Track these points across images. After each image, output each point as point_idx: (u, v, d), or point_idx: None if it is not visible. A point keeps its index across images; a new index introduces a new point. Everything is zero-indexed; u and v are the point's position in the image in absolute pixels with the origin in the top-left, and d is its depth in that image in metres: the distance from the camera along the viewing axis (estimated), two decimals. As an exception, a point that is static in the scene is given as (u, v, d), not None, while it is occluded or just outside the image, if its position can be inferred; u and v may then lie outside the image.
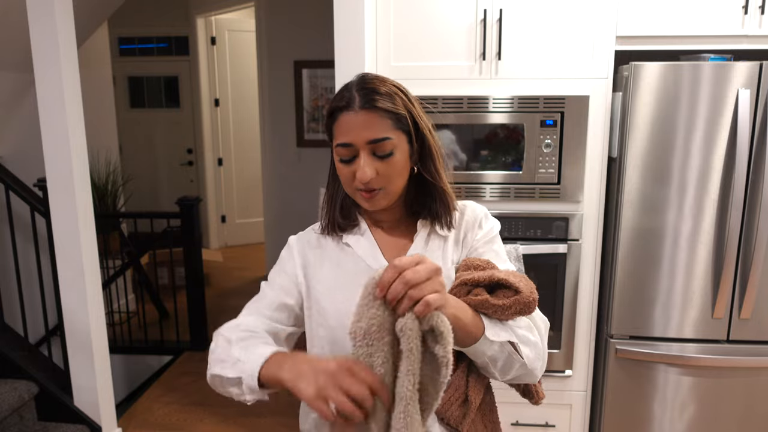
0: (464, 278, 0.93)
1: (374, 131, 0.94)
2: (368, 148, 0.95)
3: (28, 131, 2.99)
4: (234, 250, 5.83)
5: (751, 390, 2.06)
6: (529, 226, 2.10)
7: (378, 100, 0.95)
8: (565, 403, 2.24)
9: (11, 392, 2.41)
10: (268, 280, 1.10)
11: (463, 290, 0.92)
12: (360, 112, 0.94)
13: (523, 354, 0.93)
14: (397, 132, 0.96)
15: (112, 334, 3.47)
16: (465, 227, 1.06)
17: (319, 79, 4.35)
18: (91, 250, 2.40)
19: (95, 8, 3.13)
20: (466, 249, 1.05)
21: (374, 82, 0.97)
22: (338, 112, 0.96)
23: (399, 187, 1.00)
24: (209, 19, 5.38)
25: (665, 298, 2.03)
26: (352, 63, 2.00)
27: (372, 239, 1.05)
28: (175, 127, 5.83)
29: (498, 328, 0.91)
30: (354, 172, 0.96)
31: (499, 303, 0.89)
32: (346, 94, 0.96)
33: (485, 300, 0.89)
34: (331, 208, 1.07)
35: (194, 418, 2.83)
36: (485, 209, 1.10)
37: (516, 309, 0.89)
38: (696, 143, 1.92)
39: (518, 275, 0.93)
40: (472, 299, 0.90)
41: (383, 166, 0.96)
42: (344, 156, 0.96)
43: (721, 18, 1.97)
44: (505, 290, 0.90)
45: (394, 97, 0.97)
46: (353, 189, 0.99)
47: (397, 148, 0.96)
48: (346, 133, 0.95)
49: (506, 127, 2.05)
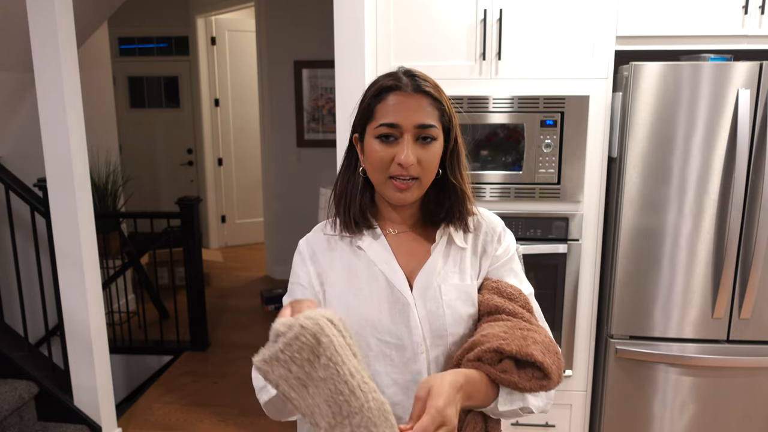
0: (503, 348, 0.88)
1: (424, 116, 0.94)
2: (414, 133, 0.93)
3: (28, 131, 2.99)
4: (234, 250, 5.83)
5: (751, 390, 2.06)
6: (529, 226, 2.10)
7: (428, 87, 0.95)
8: (565, 403, 2.24)
9: (11, 392, 2.41)
10: (288, 292, 1.07)
11: (495, 358, 0.89)
12: (413, 94, 0.94)
13: (534, 406, 0.93)
14: (439, 124, 0.96)
15: (112, 334, 3.47)
16: (483, 238, 1.05)
17: (319, 79, 4.35)
18: (91, 250, 2.40)
19: (95, 8, 3.13)
20: (485, 263, 1.04)
21: (420, 72, 0.98)
22: (387, 91, 0.95)
23: (430, 181, 0.99)
24: (209, 19, 5.38)
25: (665, 298, 2.03)
26: (352, 63, 2.00)
27: (386, 244, 1.02)
28: (175, 127, 5.83)
29: (512, 397, 0.90)
30: (392, 156, 0.94)
31: (527, 387, 0.88)
32: (394, 77, 0.96)
33: (513, 382, 0.88)
34: (345, 207, 1.03)
35: (194, 418, 2.83)
36: (502, 221, 1.09)
37: (538, 391, 0.89)
38: (696, 143, 1.92)
39: (552, 350, 0.91)
40: (501, 377, 0.88)
41: (425, 153, 0.94)
42: (387, 134, 0.94)
43: (721, 18, 1.97)
44: (536, 369, 0.88)
45: (440, 91, 0.98)
46: (385, 177, 0.96)
47: (438, 138, 0.96)
48: (394, 113, 0.93)
49: (506, 127, 2.05)
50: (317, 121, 4.42)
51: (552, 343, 0.94)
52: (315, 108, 4.40)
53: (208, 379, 3.23)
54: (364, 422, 0.73)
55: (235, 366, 3.37)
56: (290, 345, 0.72)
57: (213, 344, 3.69)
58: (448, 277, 1.00)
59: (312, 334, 0.72)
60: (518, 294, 0.98)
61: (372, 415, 0.73)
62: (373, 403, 0.74)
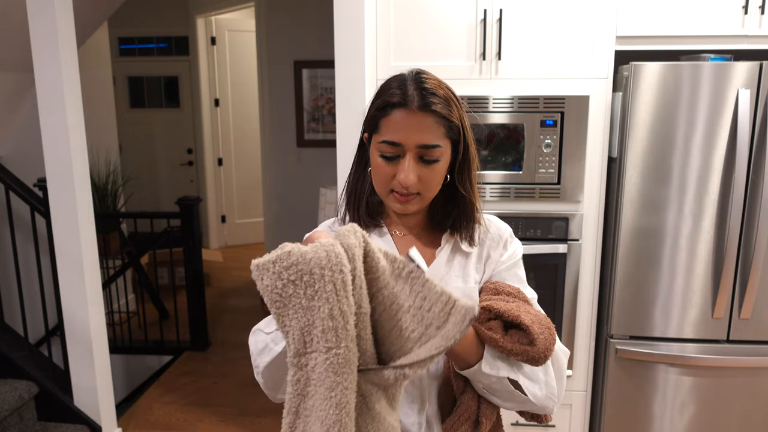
0: (491, 306, 0.88)
1: (427, 137, 0.91)
2: (416, 152, 0.91)
3: (28, 131, 2.99)
4: (234, 250, 5.83)
5: (751, 390, 2.06)
6: (529, 226, 2.10)
7: (437, 104, 0.91)
8: (565, 403, 2.24)
9: (11, 392, 2.41)
10: None
11: (483, 316, 0.88)
12: (417, 113, 0.90)
13: (529, 392, 0.89)
14: (446, 141, 0.93)
15: (112, 334, 3.47)
16: (489, 244, 1.03)
17: (319, 79, 4.34)
18: (91, 250, 2.40)
19: (95, 8, 3.13)
20: (489, 268, 1.03)
21: (432, 82, 0.93)
22: (392, 107, 0.91)
23: (434, 194, 0.97)
24: (209, 19, 5.38)
25: (665, 298, 2.03)
26: (352, 63, 2.00)
27: (392, 244, 1.01)
28: (175, 127, 5.83)
29: (500, 362, 0.88)
30: (394, 173, 0.92)
31: (508, 347, 0.85)
32: (402, 90, 0.91)
33: (494, 339, 0.86)
34: (355, 205, 1.03)
35: (194, 418, 2.83)
36: (510, 229, 1.07)
37: (523, 359, 0.86)
38: (696, 143, 1.92)
39: (544, 324, 0.89)
40: (483, 332, 0.87)
41: (426, 172, 0.93)
42: (388, 153, 0.92)
43: (721, 18, 1.97)
44: (522, 334, 0.86)
45: (451, 103, 0.94)
46: (387, 190, 0.95)
47: (442, 157, 0.93)
48: (397, 131, 0.91)
49: (506, 127, 2.05)
50: (317, 121, 4.42)
51: (547, 320, 0.91)
52: (315, 108, 4.40)
53: (208, 379, 3.23)
54: (326, 364, 0.71)
55: (235, 366, 3.37)
56: (281, 259, 0.72)
57: (213, 344, 3.69)
58: (452, 281, 1.00)
59: (306, 259, 0.71)
60: (517, 293, 0.97)
61: (335, 362, 0.71)
62: (343, 351, 0.71)
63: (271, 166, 4.66)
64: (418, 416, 0.96)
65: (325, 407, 0.71)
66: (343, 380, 0.71)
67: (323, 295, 0.71)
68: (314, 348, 0.72)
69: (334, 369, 0.71)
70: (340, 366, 0.71)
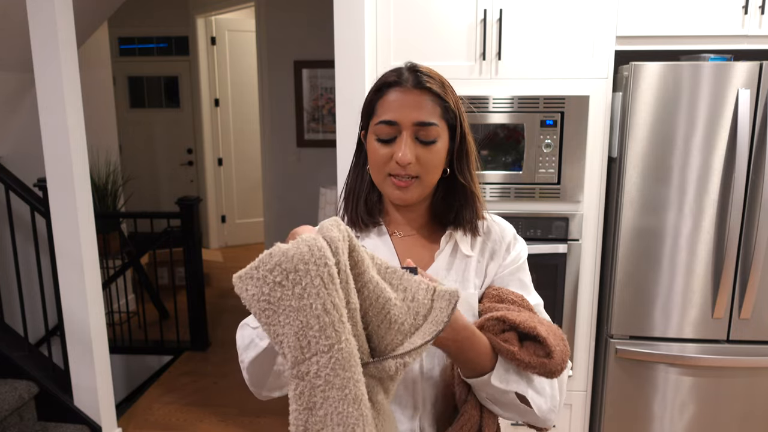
0: (506, 316, 0.86)
1: (423, 113, 0.90)
2: (412, 130, 0.90)
3: (28, 131, 2.99)
4: (234, 250, 5.83)
5: (751, 390, 2.06)
6: (529, 226, 2.10)
7: (431, 83, 0.91)
8: (565, 403, 2.24)
9: (11, 392, 2.41)
10: None
11: (497, 327, 0.86)
12: (413, 90, 0.90)
13: (534, 405, 0.87)
14: (442, 122, 0.93)
15: (112, 334, 3.47)
16: (492, 248, 1.00)
17: (319, 79, 4.34)
18: (91, 250, 2.40)
19: (95, 8, 3.13)
20: (492, 269, 1.00)
21: (426, 68, 0.94)
22: (387, 87, 0.92)
23: (433, 181, 0.95)
24: (209, 19, 5.38)
25: (665, 298, 2.03)
26: (352, 63, 2.00)
27: (391, 245, 0.99)
28: (175, 127, 5.83)
29: (510, 375, 0.86)
30: (391, 154, 0.91)
31: (525, 360, 0.83)
32: (397, 72, 0.93)
33: (512, 352, 0.83)
34: (353, 204, 1.01)
35: (194, 418, 2.83)
36: (514, 229, 1.05)
37: (540, 372, 0.84)
38: (696, 143, 1.92)
39: (558, 335, 0.87)
40: (500, 344, 0.84)
41: (424, 152, 0.91)
42: (384, 135, 0.91)
43: (721, 18, 1.97)
44: (538, 346, 0.84)
45: (446, 87, 0.94)
46: (384, 175, 0.93)
47: (440, 138, 0.92)
48: (392, 110, 0.90)
49: (506, 127, 2.05)
50: (317, 121, 4.42)
51: (559, 330, 0.90)
52: (315, 108, 4.40)
53: (208, 379, 3.23)
54: (332, 364, 0.67)
55: (235, 366, 3.36)
56: (264, 263, 0.68)
57: (213, 344, 3.69)
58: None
59: (288, 256, 0.67)
60: (521, 300, 0.94)
61: (341, 357, 0.67)
62: (345, 345, 0.68)
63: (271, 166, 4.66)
64: (410, 422, 0.94)
65: (344, 408, 0.67)
66: (353, 374, 0.68)
67: (312, 291, 0.67)
68: (313, 351, 0.68)
69: (341, 365, 0.68)
70: (346, 360, 0.68)
